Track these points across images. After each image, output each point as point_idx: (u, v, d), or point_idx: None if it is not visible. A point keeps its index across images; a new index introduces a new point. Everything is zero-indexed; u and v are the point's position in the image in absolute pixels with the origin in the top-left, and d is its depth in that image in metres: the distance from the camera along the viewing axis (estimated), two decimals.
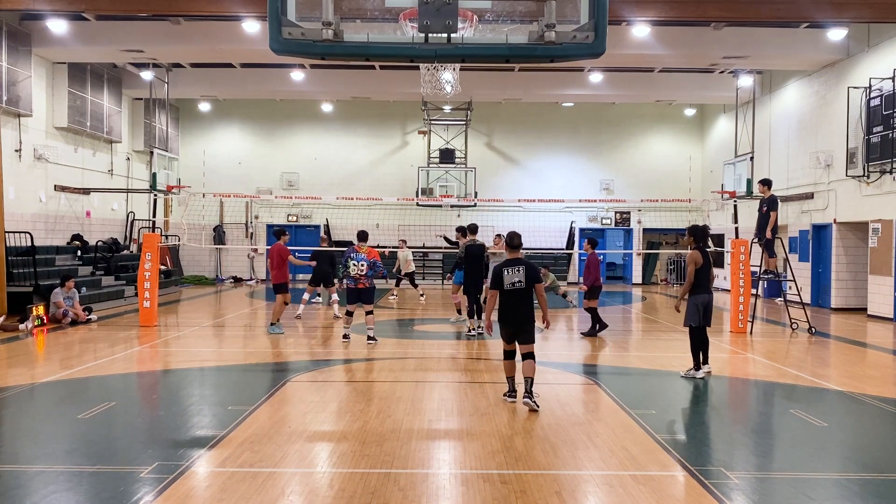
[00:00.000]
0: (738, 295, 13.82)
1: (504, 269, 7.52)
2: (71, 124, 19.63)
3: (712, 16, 15.71)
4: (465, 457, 5.94)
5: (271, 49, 5.55)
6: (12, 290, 14.84)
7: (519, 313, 7.53)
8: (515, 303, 7.51)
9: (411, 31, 5.64)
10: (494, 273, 7.60)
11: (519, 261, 7.59)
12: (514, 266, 7.52)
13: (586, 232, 28.24)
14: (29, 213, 18.25)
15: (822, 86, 19.31)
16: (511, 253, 7.71)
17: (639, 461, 5.88)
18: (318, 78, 23.08)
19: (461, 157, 26.09)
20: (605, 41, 5.45)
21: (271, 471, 5.55)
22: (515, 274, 7.47)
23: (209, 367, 9.89)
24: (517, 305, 7.52)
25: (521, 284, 7.44)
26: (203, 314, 16.96)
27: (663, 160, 28.09)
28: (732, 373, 10.20)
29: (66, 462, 5.74)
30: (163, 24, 18.00)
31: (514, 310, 7.53)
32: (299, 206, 27.57)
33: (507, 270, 7.50)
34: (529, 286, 7.48)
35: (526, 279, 7.45)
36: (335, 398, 8.08)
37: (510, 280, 7.47)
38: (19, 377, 9.03)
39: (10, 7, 14.88)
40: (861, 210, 17.36)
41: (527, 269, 7.49)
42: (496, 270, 7.59)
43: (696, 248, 9.28)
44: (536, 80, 23.60)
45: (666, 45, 18.20)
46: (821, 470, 5.81)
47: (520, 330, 7.57)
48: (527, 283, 7.46)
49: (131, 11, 16.56)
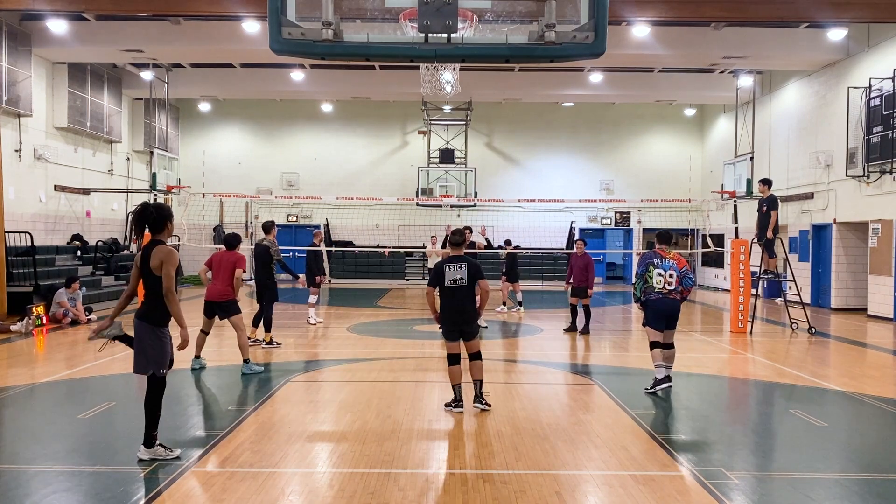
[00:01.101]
0: (738, 295, 13.82)
1: (445, 266, 7.47)
2: (71, 124, 19.63)
3: (712, 16, 15.70)
4: (464, 457, 5.94)
5: (271, 49, 5.55)
6: (12, 290, 14.84)
7: (462, 310, 7.47)
8: (458, 300, 7.46)
9: (411, 31, 5.64)
10: (436, 270, 7.56)
11: (461, 258, 7.55)
12: (456, 263, 7.48)
13: (586, 232, 28.28)
14: (29, 213, 18.25)
15: (822, 86, 19.31)
16: (454, 250, 7.64)
17: (639, 461, 5.87)
18: (318, 78, 23.08)
19: (461, 157, 26.09)
20: (605, 41, 5.45)
21: (271, 471, 5.55)
22: (458, 271, 7.44)
23: (209, 367, 9.88)
24: (460, 302, 7.47)
25: (462, 281, 7.43)
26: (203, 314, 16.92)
27: (663, 160, 28.09)
28: (732, 373, 10.21)
29: (66, 462, 5.74)
30: (163, 24, 18.00)
31: (457, 307, 7.46)
32: (299, 206, 27.57)
33: (449, 267, 7.46)
34: (472, 283, 7.47)
35: (468, 276, 7.44)
36: (335, 398, 8.08)
37: (451, 277, 7.43)
38: (19, 377, 9.03)
39: (10, 7, 14.88)
40: (861, 210, 17.36)
41: (469, 266, 7.48)
42: (437, 267, 7.54)
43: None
44: (536, 80, 23.60)
45: (666, 45, 18.20)
46: (821, 470, 5.81)
47: (464, 328, 7.49)
48: (469, 281, 7.45)
49: (131, 11, 16.55)
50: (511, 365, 10.31)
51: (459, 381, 7.59)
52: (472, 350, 7.57)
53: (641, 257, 8.53)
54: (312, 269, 14.08)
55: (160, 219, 5.79)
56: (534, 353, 11.67)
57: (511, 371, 9.85)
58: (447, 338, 7.62)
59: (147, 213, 5.79)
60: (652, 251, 8.45)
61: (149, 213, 5.78)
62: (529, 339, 13.13)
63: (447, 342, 7.63)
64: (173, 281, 5.65)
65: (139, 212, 5.81)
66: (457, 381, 7.58)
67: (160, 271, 5.60)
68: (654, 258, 8.32)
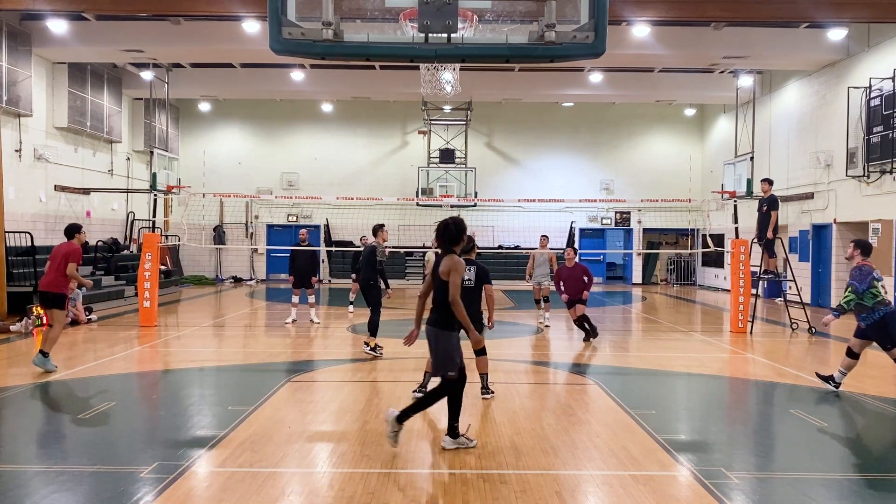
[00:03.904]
0: (738, 295, 13.82)
1: None
2: (71, 124, 19.63)
3: (712, 16, 15.71)
4: (465, 456, 5.94)
5: (271, 49, 5.55)
6: (12, 290, 14.84)
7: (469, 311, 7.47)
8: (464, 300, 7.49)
9: (411, 31, 5.64)
10: None
11: (469, 261, 7.77)
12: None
13: (586, 232, 28.28)
14: (29, 213, 18.25)
15: (822, 86, 19.31)
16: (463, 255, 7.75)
17: (639, 461, 5.87)
18: (318, 78, 23.08)
19: (461, 157, 26.09)
20: (605, 41, 5.45)
21: (271, 471, 5.55)
22: (466, 273, 7.57)
23: (209, 367, 9.88)
24: (466, 303, 7.51)
25: (470, 283, 7.66)
26: (203, 314, 16.96)
27: (663, 160, 28.09)
28: (732, 373, 10.21)
29: (66, 462, 5.74)
30: (163, 24, 18.00)
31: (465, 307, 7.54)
32: (299, 206, 27.57)
33: None
34: (478, 286, 7.74)
35: (476, 279, 7.73)
36: (335, 398, 8.08)
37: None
38: (19, 377, 9.03)
39: (10, 7, 14.87)
40: (861, 210, 17.35)
41: (478, 269, 7.78)
42: None
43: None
44: (536, 80, 23.60)
45: (666, 45, 18.20)
46: (821, 470, 5.81)
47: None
48: (476, 283, 7.72)
49: (131, 11, 16.56)
50: (511, 365, 10.31)
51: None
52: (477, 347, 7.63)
53: (858, 271, 8.10)
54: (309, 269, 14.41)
55: (458, 233, 6.16)
56: (534, 353, 11.67)
57: (511, 371, 9.84)
58: None
59: (448, 231, 6.12)
60: (869, 266, 8.11)
61: (450, 230, 6.12)
62: (529, 339, 13.13)
63: None
64: (458, 289, 6.01)
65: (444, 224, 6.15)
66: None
67: (447, 277, 5.98)
68: (873, 272, 8.08)
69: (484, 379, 7.93)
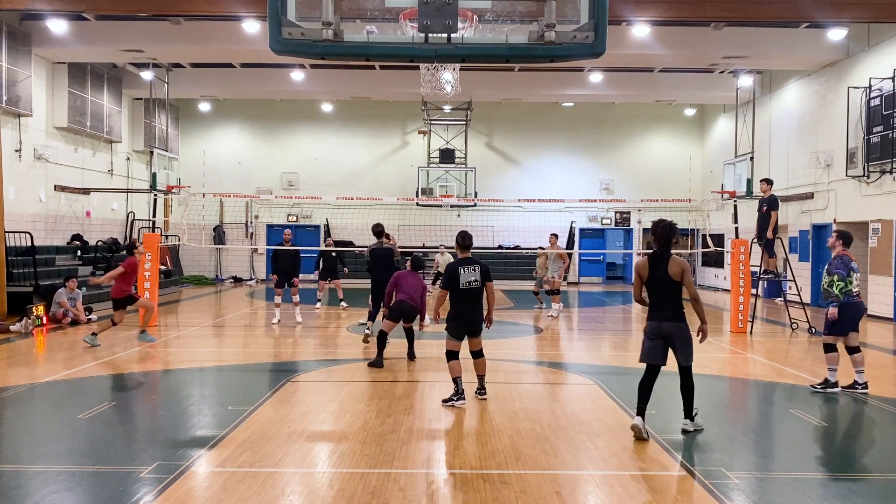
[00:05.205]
0: (738, 295, 13.82)
1: (460, 269, 7.59)
2: (71, 124, 19.63)
3: (712, 16, 15.71)
4: (465, 457, 5.94)
5: (271, 49, 5.55)
6: (12, 290, 14.84)
7: (476, 311, 7.69)
8: (472, 302, 7.64)
9: (411, 31, 5.64)
10: (450, 273, 7.64)
11: (473, 260, 7.76)
12: (469, 265, 7.65)
13: (586, 232, 28.29)
14: (29, 213, 18.25)
15: (822, 86, 19.31)
16: (462, 253, 7.81)
17: (639, 461, 5.88)
18: (318, 78, 23.07)
19: (461, 157, 26.08)
20: (605, 41, 5.44)
21: (271, 471, 5.55)
22: (472, 273, 7.61)
23: (209, 367, 9.88)
24: (474, 305, 7.66)
25: (476, 283, 7.62)
26: (203, 314, 16.96)
27: (663, 160, 28.09)
28: (732, 373, 10.21)
29: (66, 462, 5.74)
30: (163, 24, 17.99)
31: (472, 308, 7.65)
32: (299, 206, 27.57)
33: (464, 269, 7.60)
34: (483, 285, 7.70)
35: (481, 278, 7.66)
36: (335, 398, 8.08)
37: (466, 279, 7.59)
38: (19, 377, 9.03)
39: (10, 7, 14.87)
40: (861, 210, 17.35)
41: (482, 268, 7.72)
42: (451, 270, 7.62)
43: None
44: (536, 80, 23.59)
45: (666, 45, 18.20)
46: (821, 470, 5.81)
47: (475, 327, 7.73)
48: (481, 282, 7.67)
49: (131, 11, 16.55)
50: (511, 365, 10.31)
51: (460, 373, 7.72)
52: (477, 347, 7.78)
53: (840, 260, 8.60)
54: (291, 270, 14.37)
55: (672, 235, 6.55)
56: (533, 353, 11.67)
57: (511, 371, 9.84)
58: (455, 336, 7.72)
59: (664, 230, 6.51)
60: (848, 257, 8.61)
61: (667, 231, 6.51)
62: (529, 339, 13.13)
63: (452, 340, 7.72)
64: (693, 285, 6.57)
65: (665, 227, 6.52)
66: (458, 373, 7.71)
67: (679, 277, 6.43)
68: (852, 263, 8.54)
69: (481, 380, 7.99)
